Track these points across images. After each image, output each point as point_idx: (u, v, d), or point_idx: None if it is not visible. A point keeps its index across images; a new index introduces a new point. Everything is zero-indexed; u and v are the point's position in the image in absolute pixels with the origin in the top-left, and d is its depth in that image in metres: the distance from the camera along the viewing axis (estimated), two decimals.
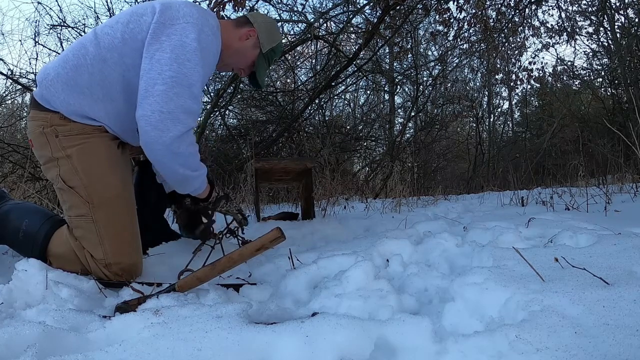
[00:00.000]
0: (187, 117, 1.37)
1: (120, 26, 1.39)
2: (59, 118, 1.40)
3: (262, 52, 1.64)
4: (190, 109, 1.37)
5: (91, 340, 0.88)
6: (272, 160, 3.14)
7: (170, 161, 1.39)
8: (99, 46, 1.38)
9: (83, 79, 1.38)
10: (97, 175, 1.40)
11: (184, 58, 1.35)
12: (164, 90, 1.32)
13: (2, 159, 4.33)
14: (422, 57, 8.91)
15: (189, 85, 1.35)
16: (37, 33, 4.97)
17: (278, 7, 5.39)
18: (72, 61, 1.39)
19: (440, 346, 0.79)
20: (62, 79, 1.38)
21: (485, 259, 1.22)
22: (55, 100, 1.39)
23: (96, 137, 1.43)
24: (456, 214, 2.89)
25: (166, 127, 1.33)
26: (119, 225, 1.42)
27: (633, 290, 0.84)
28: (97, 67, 1.37)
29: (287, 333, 0.81)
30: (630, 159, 4.01)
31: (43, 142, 1.41)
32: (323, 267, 1.34)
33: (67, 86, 1.38)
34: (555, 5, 7.37)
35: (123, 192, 1.45)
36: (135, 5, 1.52)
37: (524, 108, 11.98)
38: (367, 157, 7.90)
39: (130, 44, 1.38)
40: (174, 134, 1.34)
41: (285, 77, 6.96)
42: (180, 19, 1.38)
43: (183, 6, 1.43)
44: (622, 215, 2.13)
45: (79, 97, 1.38)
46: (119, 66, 1.38)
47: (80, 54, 1.39)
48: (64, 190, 1.41)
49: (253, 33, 1.61)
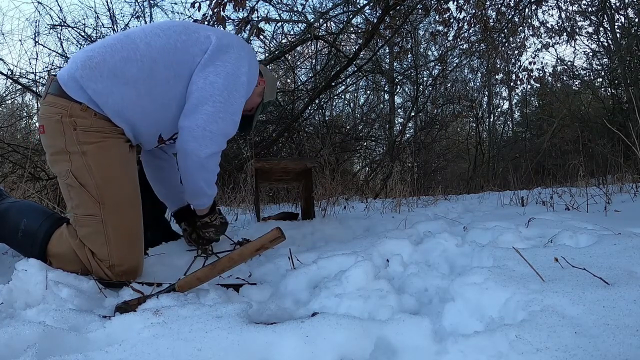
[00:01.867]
0: (223, 139, 1.52)
1: (174, 34, 1.46)
2: (80, 109, 1.36)
3: (263, 101, 1.80)
4: (228, 134, 1.53)
5: (91, 340, 0.88)
6: (272, 160, 3.14)
7: (198, 172, 1.52)
8: (149, 45, 1.42)
9: (131, 72, 1.38)
10: (110, 177, 1.40)
11: (234, 88, 1.49)
12: (213, 112, 1.45)
13: (2, 159, 4.32)
14: (422, 57, 8.92)
15: (232, 113, 1.51)
16: (37, 33, 4.97)
17: (278, 7, 5.40)
18: (121, 52, 1.38)
19: (440, 346, 0.79)
20: (109, 66, 1.36)
21: (485, 259, 1.22)
22: (96, 85, 1.35)
23: (114, 137, 1.43)
24: (456, 214, 2.88)
25: (205, 143, 1.46)
26: (127, 229, 1.42)
27: (633, 290, 0.84)
28: (147, 64, 1.40)
29: (287, 333, 0.81)
30: (630, 159, 4.01)
31: (58, 132, 1.36)
32: (323, 267, 1.34)
33: (113, 75, 1.36)
34: (555, 5, 7.37)
35: (133, 196, 1.46)
36: (187, 21, 1.67)
37: (524, 108, 11.98)
38: (367, 157, 7.90)
39: (180, 54, 1.45)
40: (210, 151, 1.48)
41: (285, 77, 6.96)
42: (235, 47, 1.53)
43: (237, 38, 1.61)
44: (622, 215, 2.13)
45: (123, 88, 1.37)
46: (169, 71, 1.43)
47: (131, 48, 1.40)
48: (73, 187, 1.38)
49: (263, 83, 1.77)
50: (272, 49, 5.62)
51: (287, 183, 2.92)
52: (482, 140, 10.11)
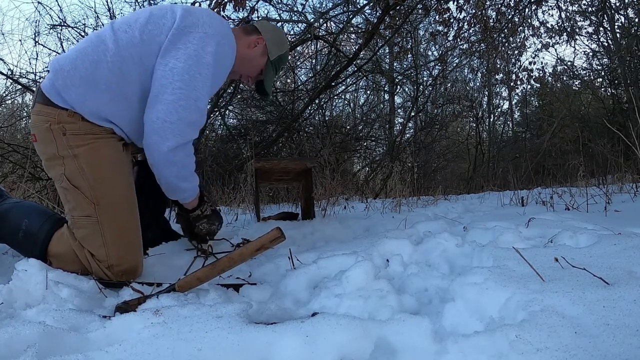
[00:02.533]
0: (189, 129, 1.40)
1: (139, 26, 1.39)
2: (67, 115, 1.37)
3: (270, 59, 1.67)
4: (193, 122, 1.40)
5: (91, 340, 0.88)
6: (272, 160, 3.14)
7: (166, 168, 1.44)
8: (117, 44, 1.37)
9: (102, 75, 1.36)
10: (103, 177, 1.40)
11: (196, 71, 1.37)
12: (172, 101, 1.35)
13: (2, 159, 4.32)
14: (422, 57, 8.91)
15: (196, 99, 1.38)
16: (37, 33, 4.97)
17: (278, 7, 5.40)
18: (91, 56, 1.36)
19: (440, 346, 0.79)
20: (80, 72, 1.36)
21: (485, 259, 1.22)
22: (70, 94, 1.36)
23: (104, 138, 1.43)
24: (456, 214, 2.88)
25: (166, 136, 1.36)
26: (123, 228, 1.42)
27: (633, 290, 0.84)
28: (116, 64, 1.37)
29: (287, 333, 0.81)
30: (630, 159, 4.01)
31: (49, 139, 1.38)
32: (323, 267, 1.34)
33: (85, 80, 1.36)
34: (555, 5, 7.37)
35: (128, 195, 1.46)
36: (155, 6, 1.52)
37: (524, 108, 11.99)
38: (367, 157, 7.90)
39: (148, 45, 1.38)
40: (172, 144, 1.37)
41: (285, 77, 6.96)
42: (200, 27, 1.39)
43: (204, 14, 1.43)
44: (622, 215, 2.13)
45: (96, 92, 1.37)
46: (138, 66, 1.38)
47: (100, 50, 1.37)
48: (68, 190, 1.39)
49: (261, 41, 1.64)
50: None
51: (287, 183, 2.92)
52: (482, 140, 10.10)
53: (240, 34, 1.63)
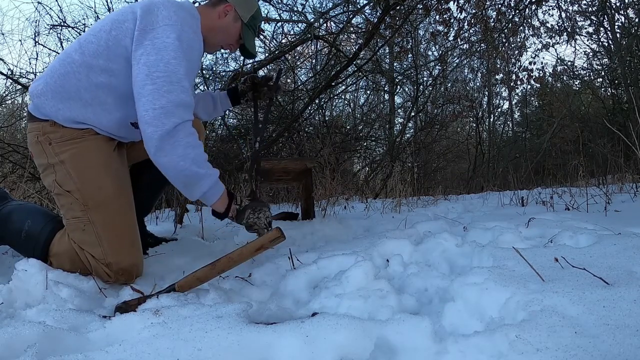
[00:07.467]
0: (181, 109, 1.37)
1: (104, 34, 1.44)
2: (49, 125, 1.45)
3: (244, 22, 1.68)
4: (182, 102, 1.38)
5: (91, 340, 0.88)
6: (272, 160, 3.14)
7: (170, 153, 1.36)
8: (83, 54, 1.43)
9: (71, 84, 1.43)
10: (89, 178, 1.43)
11: (169, 57, 1.39)
12: (155, 89, 1.35)
13: (2, 159, 4.32)
14: (422, 57, 8.90)
15: (178, 81, 1.39)
16: (37, 33, 4.95)
17: (278, 7, 5.39)
18: (59, 70, 1.44)
19: (440, 346, 0.79)
20: (50, 87, 1.44)
21: (485, 259, 1.22)
22: (46, 108, 1.45)
23: (87, 140, 1.47)
24: (456, 214, 2.89)
25: (161, 122, 1.34)
26: (116, 226, 1.44)
27: (633, 290, 0.84)
28: (83, 73, 1.43)
29: (287, 333, 0.81)
30: (630, 159, 4.01)
31: (39, 151, 1.47)
32: (323, 267, 1.34)
33: (56, 93, 1.43)
34: (555, 5, 7.37)
35: (117, 193, 1.46)
36: (115, 12, 1.55)
37: (524, 108, 11.99)
38: (367, 157, 7.89)
39: (114, 50, 1.43)
40: (168, 127, 1.34)
41: (285, 77, 6.96)
42: (160, 22, 1.42)
43: (162, 9, 1.46)
44: (622, 215, 2.13)
45: (68, 101, 1.43)
46: (106, 72, 1.43)
47: (67, 62, 1.44)
48: (61, 195, 1.44)
49: (229, 8, 1.65)
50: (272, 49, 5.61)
51: (287, 183, 2.92)
52: (482, 140, 10.10)
53: (208, 8, 1.66)
